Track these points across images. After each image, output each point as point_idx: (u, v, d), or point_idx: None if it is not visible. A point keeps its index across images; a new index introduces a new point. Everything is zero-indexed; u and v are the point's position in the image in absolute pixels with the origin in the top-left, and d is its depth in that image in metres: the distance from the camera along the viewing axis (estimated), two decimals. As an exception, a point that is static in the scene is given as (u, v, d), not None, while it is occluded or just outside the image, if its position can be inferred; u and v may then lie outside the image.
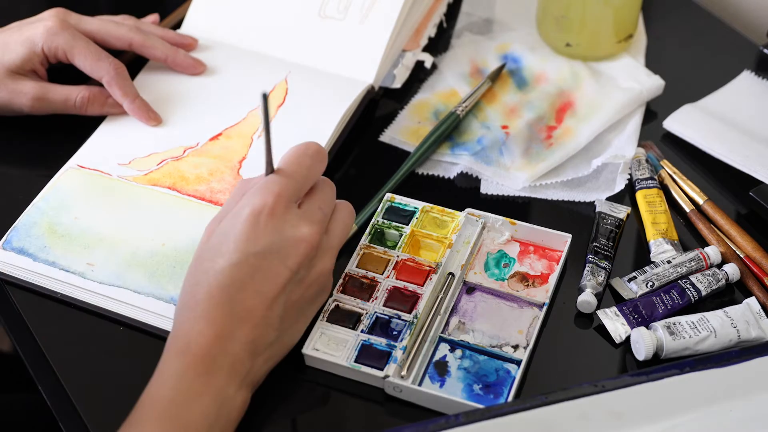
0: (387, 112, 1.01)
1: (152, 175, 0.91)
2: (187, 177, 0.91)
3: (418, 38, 1.05)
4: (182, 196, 0.89)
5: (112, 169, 0.91)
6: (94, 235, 0.86)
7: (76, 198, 0.89)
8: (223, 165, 0.92)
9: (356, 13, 1.01)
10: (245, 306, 0.72)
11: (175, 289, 0.82)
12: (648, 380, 0.73)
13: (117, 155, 0.93)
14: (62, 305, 0.83)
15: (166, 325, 0.80)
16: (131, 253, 0.85)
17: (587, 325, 0.83)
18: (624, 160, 0.93)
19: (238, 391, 0.72)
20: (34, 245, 0.85)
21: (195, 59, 1.00)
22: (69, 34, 0.93)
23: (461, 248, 0.86)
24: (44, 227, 0.86)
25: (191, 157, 0.92)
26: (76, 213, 0.88)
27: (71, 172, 0.91)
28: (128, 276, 0.83)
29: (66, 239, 0.85)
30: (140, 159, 0.92)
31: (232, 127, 0.95)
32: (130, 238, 0.86)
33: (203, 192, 0.89)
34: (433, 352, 0.80)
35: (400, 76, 1.00)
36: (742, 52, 1.07)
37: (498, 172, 0.94)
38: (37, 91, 0.93)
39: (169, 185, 0.90)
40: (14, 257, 0.84)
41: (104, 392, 0.78)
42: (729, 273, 0.84)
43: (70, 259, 0.84)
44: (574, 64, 1.04)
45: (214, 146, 0.93)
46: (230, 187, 0.89)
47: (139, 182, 0.90)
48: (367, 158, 0.97)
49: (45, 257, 0.84)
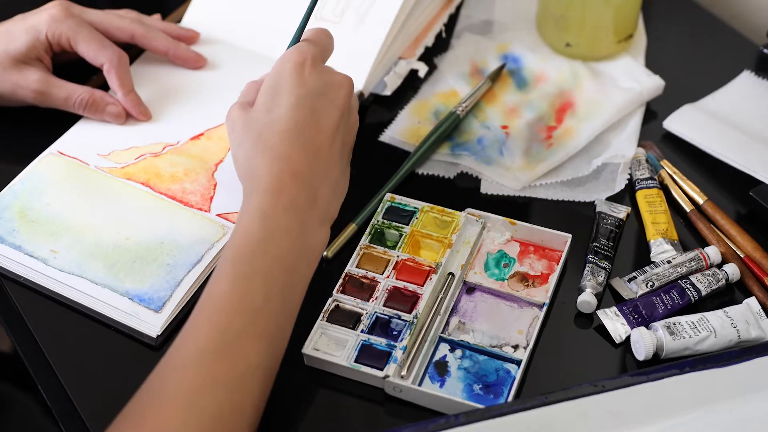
0: (386, 113, 1.01)
1: (129, 168, 0.91)
2: (162, 174, 0.91)
3: (416, 47, 1.04)
4: (154, 193, 0.89)
5: (90, 158, 0.92)
6: (62, 223, 0.86)
7: (50, 184, 0.89)
8: (199, 166, 0.92)
9: (352, 17, 1.01)
10: (314, 143, 0.77)
11: (131, 284, 0.82)
12: (648, 380, 0.73)
13: (98, 145, 0.93)
14: (62, 306, 0.83)
15: (120, 317, 0.81)
16: (95, 244, 0.85)
17: (587, 325, 0.83)
18: (624, 160, 0.93)
19: (321, 227, 0.77)
20: (4, 228, 0.86)
21: (196, 53, 1.00)
22: (73, 22, 0.94)
23: (461, 248, 0.86)
24: (16, 211, 0.87)
25: (170, 155, 0.93)
26: (49, 199, 0.88)
27: (50, 158, 0.92)
28: (88, 266, 0.83)
29: (35, 224, 0.86)
30: (119, 151, 0.93)
31: (215, 128, 0.95)
32: (95, 229, 0.86)
33: (175, 191, 0.90)
34: (433, 352, 0.80)
35: (391, 83, 1.00)
36: (742, 52, 1.07)
37: (498, 172, 0.94)
38: (40, 85, 0.93)
39: (144, 181, 0.90)
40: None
41: (104, 392, 0.78)
42: (729, 273, 0.84)
43: (35, 245, 0.85)
44: (574, 64, 1.04)
45: (193, 146, 0.93)
46: (202, 189, 0.90)
47: (115, 174, 0.91)
48: (367, 158, 0.97)
49: (12, 240, 0.85)
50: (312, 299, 0.83)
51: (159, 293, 0.82)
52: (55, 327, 0.82)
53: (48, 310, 0.83)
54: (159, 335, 0.80)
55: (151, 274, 0.83)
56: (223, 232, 0.86)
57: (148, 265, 0.84)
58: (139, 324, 0.81)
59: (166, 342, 0.80)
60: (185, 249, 0.85)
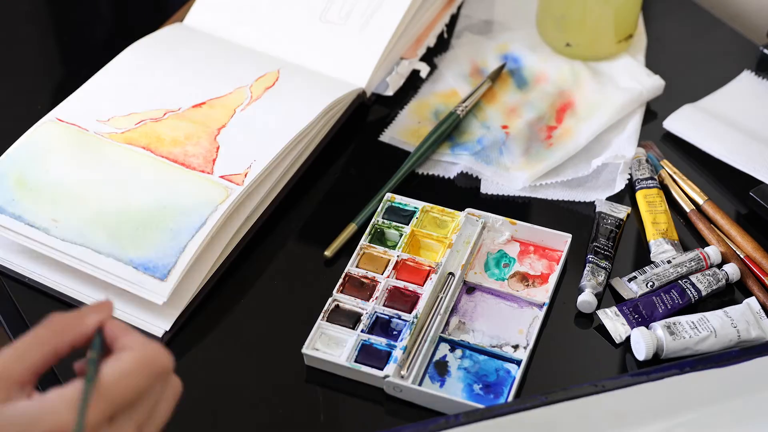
0: (387, 113, 1.01)
1: (129, 134, 0.89)
2: (163, 138, 0.89)
3: (417, 47, 1.05)
4: (155, 156, 0.88)
5: (90, 124, 0.90)
6: (63, 190, 0.85)
7: (49, 151, 0.87)
8: (200, 130, 0.90)
9: (357, 19, 1.01)
10: None
11: (135, 251, 0.81)
12: (648, 380, 0.73)
13: (97, 111, 0.91)
14: (63, 304, 0.83)
15: (126, 287, 0.80)
16: (96, 211, 0.83)
17: (587, 325, 0.83)
18: (624, 160, 0.93)
19: None
20: (3, 198, 0.84)
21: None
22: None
23: (461, 248, 0.86)
24: (13, 179, 0.85)
25: (171, 120, 0.91)
26: (48, 166, 0.86)
27: (48, 125, 0.90)
28: (91, 234, 0.82)
29: (35, 192, 0.84)
30: (119, 117, 0.91)
31: (218, 98, 0.94)
32: (97, 195, 0.84)
33: (177, 154, 0.88)
34: (433, 352, 0.80)
35: (393, 83, 1.00)
36: (742, 52, 1.07)
37: (498, 172, 0.94)
38: None
39: (144, 145, 0.88)
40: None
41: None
42: (729, 273, 0.84)
43: (35, 214, 0.83)
44: (574, 64, 1.04)
45: (195, 113, 0.92)
46: (204, 152, 0.88)
47: (115, 140, 0.89)
48: (367, 158, 0.97)
49: (12, 210, 0.83)
50: (312, 299, 0.83)
51: (163, 260, 0.81)
52: (55, 327, 0.82)
53: (48, 310, 0.82)
54: (167, 332, 0.80)
55: (155, 240, 0.82)
56: (227, 194, 0.84)
57: (151, 231, 0.82)
58: (144, 294, 0.79)
59: (171, 341, 0.80)
60: (188, 213, 0.83)
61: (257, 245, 0.88)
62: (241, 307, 0.85)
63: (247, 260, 0.87)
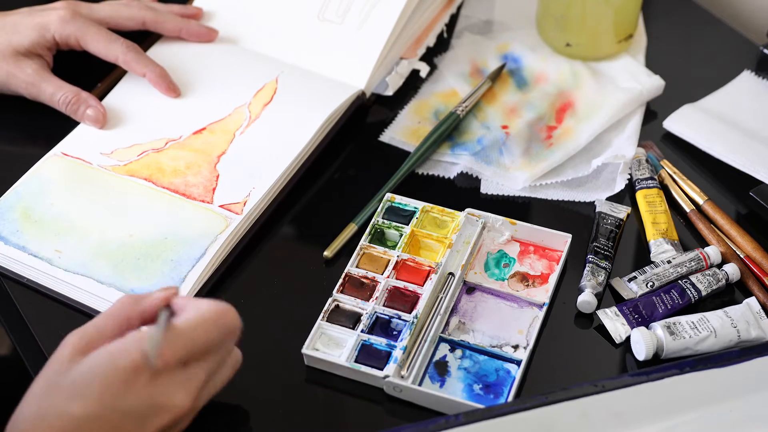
0: (387, 113, 1.01)
1: (131, 165, 0.91)
2: (164, 169, 0.91)
3: (417, 47, 1.04)
4: (156, 188, 0.89)
5: (93, 158, 0.92)
6: (66, 223, 0.86)
7: (54, 185, 0.89)
8: (201, 159, 0.92)
9: (354, 18, 1.01)
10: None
11: (137, 282, 0.82)
12: (648, 380, 0.73)
13: (101, 144, 0.93)
14: (63, 306, 0.83)
15: None
16: (99, 243, 0.85)
17: (587, 325, 0.83)
18: (624, 160, 0.93)
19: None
20: (7, 229, 0.86)
21: (208, 27, 1.02)
22: (81, 22, 0.95)
23: (461, 248, 0.86)
24: (19, 212, 0.87)
25: (172, 150, 0.92)
26: (53, 199, 0.88)
27: (54, 159, 0.92)
28: (94, 265, 0.83)
29: (39, 225, 0.86)
30: (122, 149, 0.93)
31: (217, 122, 0.95)
32: (99, 228, 0.86)
33: (178, 185, 0.89)
34: (433, 352, 0.80)
35: (393, 83, 1.00)
36: (742, 52, 1.07)
37: (498, 172, 0.94)
38: (32, 78, 0.94)
39: (146, 176, 0.90)
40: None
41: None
42: (729, 273, 0.84)
43: (39, 245, 0.85)
44: (574, 64, 1.04)
45: (196, 140, 0.93)
46: (205, 181, 0.90)
47: (117, 172, 0.91)
48: (367, 158, 0.97)
49: (16, 241, 0.85)
50: (312, 299, 0.83)
51: None
52: (55, 327, 0.82)
53: (48, 310, 0.83)
54: None
55: (156, 270, 0.83)
56: (226, 224, 0.86)
57: (152, 262, 0.84)
58: None
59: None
60: (188, 243, 0.85)
61: (257, 245, 0.88)
62: (241, 307, 0.84)
63: (247, 260, 0.87)
